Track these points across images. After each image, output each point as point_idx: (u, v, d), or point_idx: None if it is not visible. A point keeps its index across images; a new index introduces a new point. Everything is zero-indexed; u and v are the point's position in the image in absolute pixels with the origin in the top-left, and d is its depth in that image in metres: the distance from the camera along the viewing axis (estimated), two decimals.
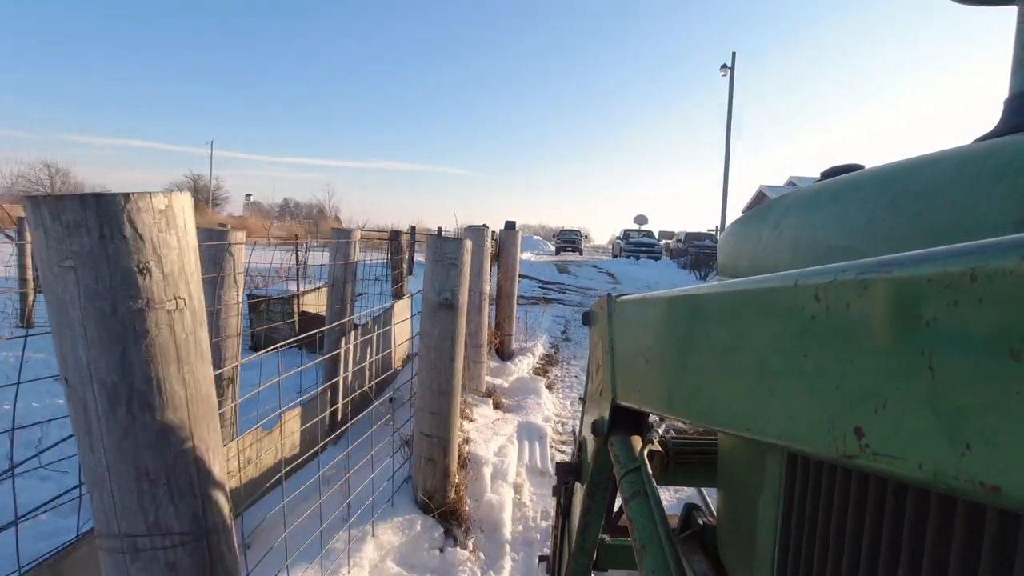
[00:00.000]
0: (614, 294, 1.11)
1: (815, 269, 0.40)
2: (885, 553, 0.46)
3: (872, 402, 0.34)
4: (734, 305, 0.52)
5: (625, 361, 0.96)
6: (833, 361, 0.37)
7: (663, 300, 0.75)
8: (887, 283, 0.33)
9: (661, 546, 0.76)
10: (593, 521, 1.23)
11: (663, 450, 1.23)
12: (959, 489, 0.28)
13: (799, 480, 0.61)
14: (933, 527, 0.41)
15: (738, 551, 0.82)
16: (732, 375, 0.52)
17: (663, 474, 1.23)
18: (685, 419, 0.67)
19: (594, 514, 1.21)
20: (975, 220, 0.45)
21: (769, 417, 0.45)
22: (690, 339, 0.63)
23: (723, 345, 0.54)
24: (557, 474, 1.41)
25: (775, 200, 0.82)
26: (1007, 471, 0.26)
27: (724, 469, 0.91)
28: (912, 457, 0.31)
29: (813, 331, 0.39)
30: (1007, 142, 0.48)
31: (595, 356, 1.21)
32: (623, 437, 1.00)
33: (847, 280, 0.36)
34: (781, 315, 0.43)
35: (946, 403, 0.29)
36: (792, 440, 0.42)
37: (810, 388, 0.40)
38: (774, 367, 0.44)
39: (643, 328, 0.87)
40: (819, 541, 0.56)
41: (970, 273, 0.27)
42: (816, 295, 0.39)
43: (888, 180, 0.58)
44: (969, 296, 0.28)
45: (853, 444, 0.35)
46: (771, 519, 0.68)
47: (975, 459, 0.27)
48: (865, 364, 0.35)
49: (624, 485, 0.89)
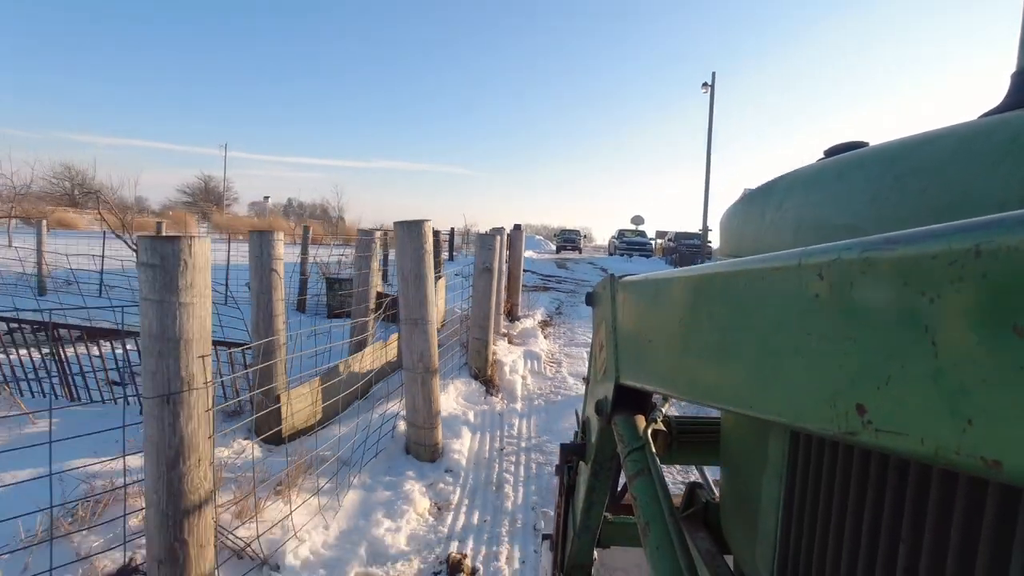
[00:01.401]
0: (616, 275, 1.10)
1: (818, 247, 0.40)
2: (887, 529, 0.47)
3: (875, 379, 0.34)
4: (737, 284, 0.51)
5: (628, 341, 0.96)
6: (836, 339, 0.37)
7: (666, 280, 0.75)
8: (891, 260, 0.33)
9: (665, 523, 0.76)
10: (597, 500, 1.25)
11: (667, 429, 1.23)
12: (960, 464, 0.28)
13: (802, 458, 0.62)
14: (934, 502, 0.41)
15: (741, 528, 0.82)
16: (735, 354, 0.52)
17: (667, 453, 1.23)
18: (688, 398, 0.66)
19: (598, 493, 1.24)
20: (980, 197, 0.45)
21: (772, 395, 0.45)
22: (693, 318, 0.63)
23: (726, 324, 0.54)
24: (560, 454, 1.43)
25: (778, 179, 0.81)
26: (1008, 446, 0.26)
27: (727, 447, 0.91)
28: (914, 433, 0.31)
29: (816, 309, 0.39)
30: (1012, 117, 0.47)
31: (598, 337, 1.21)
32: (626, 416, 1.00)
33: (851, 258, 0.36)
34: (784, 294, 0.43)
35: (948, 379, 0.29)
36: (795, 418, 0.42)
37: (813, 366, 0.40)
38: (777, 346, 0.44)
39: (646, 308, 0.86)
40: (821, 518, 0.57)
41: (974, 249, 0.27)
42: (820, 273, 0.39)
43: (892, 157, 0.57)
44: (973, 272, 0.28)
45: (855, 421, 0.35)
46: (774, 496, 0.69)
47: (976, 434, 0.27)
48: (868, 341, 0.35)
49: (628, 464, 0.90)
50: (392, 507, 2.92)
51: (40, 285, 9.49)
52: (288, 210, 59.85)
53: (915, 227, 0.33)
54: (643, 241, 30.55)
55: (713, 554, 0.93)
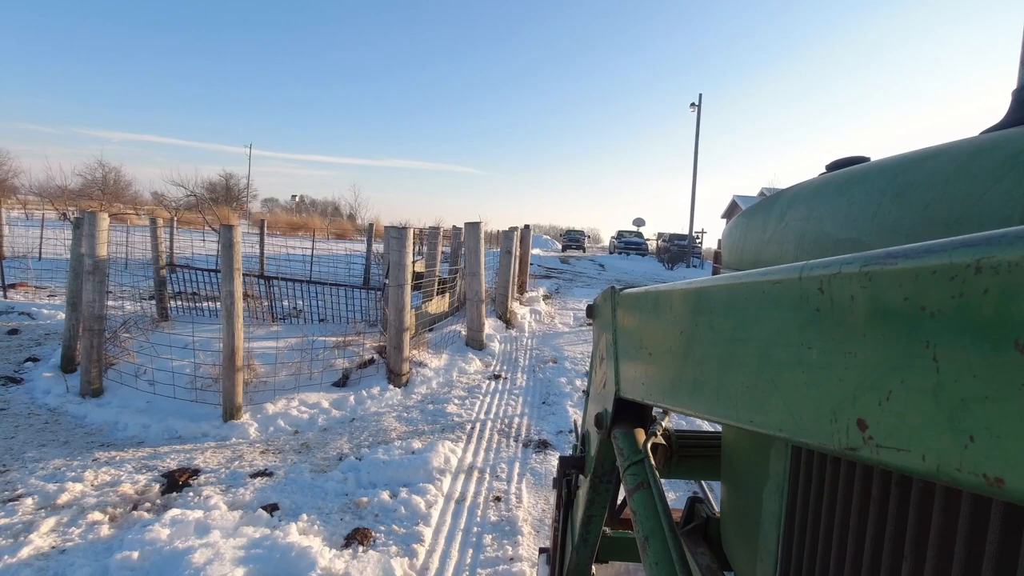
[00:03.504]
0: (617, 286, 1.09)
1: (819, 261, 0.40)
2: (889, 545, 0.46)
3: (875, 394, 0.34)
4: (738, 297, 0.51)
5: (628, 354, 0.95)
6: (837, 353, 0.37)
7: (667, 292, 0.74)
8: (891, 275, 0.33)
9: (664, 538, 0.76)
10: (596, 513, 1.24)
11: (667, 443, 1.22)
12: (962, 481, 0.28)
13: (803, 473, 0.61)
14: (937, 520, 0.41)
15: (742, 544, 0.81)
16: (735, 367, 0.51)
17: (667, 467, 1.22)
18: (688, 412, 0.66)
19: (597, 506, 1.23)
20: (982, 213, 0.44)
21: (772, 409, 0.45)
22: (694, 331, 0.62)
23: (727, 337, 0.53)
24: (558, 466, 1.41)
25: (780, 192, 0.80)
26: (1011, 463, 0.26)
27: (728, 462, 0.90)
28: (915, 449, 0.31)
29: (817, 323, 0.39)
30: (1014, 134, 0.47)
31: (598, 349, 1.19)
32: (626, 430, 0.99)
33: (851, 272, 0.36)
34: (785, 307, 0.43)
35: (950, 395, 0.29)
36: (795, 432, 0.42)
37: (813, 380, 0.40)
38: (777, 359, 0.44)
39: (647, 320, 0.85)
40: (823, 533, 0.56)
41: (975, 264, 0.27)
42: (820, 287, 0.39)
43: (894, 172, 0.57)
44: (974, 288, 0.28)
45: (856, 436, 0.35)
46: (775, 512, 0.68)
47: (978, 451, 0.27)
48: (868, 356, 0.35)
49: (627, 477, 0.89)
50: (465, 360, 6.12)
51: None
52: (300, 207, 60.30)
53: (918, 242, 0.33)
54: (639, 241, 33.69)
55: (713, 570, 0.90)
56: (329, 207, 59.10)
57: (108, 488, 3.09)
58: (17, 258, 11.61)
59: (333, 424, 4.29)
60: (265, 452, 3.74)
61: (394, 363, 5.09)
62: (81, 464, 3.37)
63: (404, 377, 5.12)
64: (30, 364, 5.31)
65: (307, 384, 4.79)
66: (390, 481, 3.32)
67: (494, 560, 2.66)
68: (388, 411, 4.60)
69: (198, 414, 4.18)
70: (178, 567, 2.32)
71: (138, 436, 3.92)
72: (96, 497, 2.99)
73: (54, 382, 4.73)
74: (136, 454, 3.59)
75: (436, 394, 5.11)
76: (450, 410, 4.69)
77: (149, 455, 3.59)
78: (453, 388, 5.34)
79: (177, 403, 4.32)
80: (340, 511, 2.98)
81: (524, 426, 4.47)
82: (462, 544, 2.79)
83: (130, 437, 3.90)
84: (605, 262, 26.79)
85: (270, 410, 4.30)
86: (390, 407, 4.68)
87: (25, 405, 4.36)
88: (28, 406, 4.35)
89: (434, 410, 4.68)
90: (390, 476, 3.37)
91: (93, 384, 4.49)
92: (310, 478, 3.33)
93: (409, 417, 4.50)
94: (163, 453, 3.63)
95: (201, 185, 33.74)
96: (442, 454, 3.62)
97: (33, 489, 3.01)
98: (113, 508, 2.90)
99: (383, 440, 3.96)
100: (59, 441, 3.75)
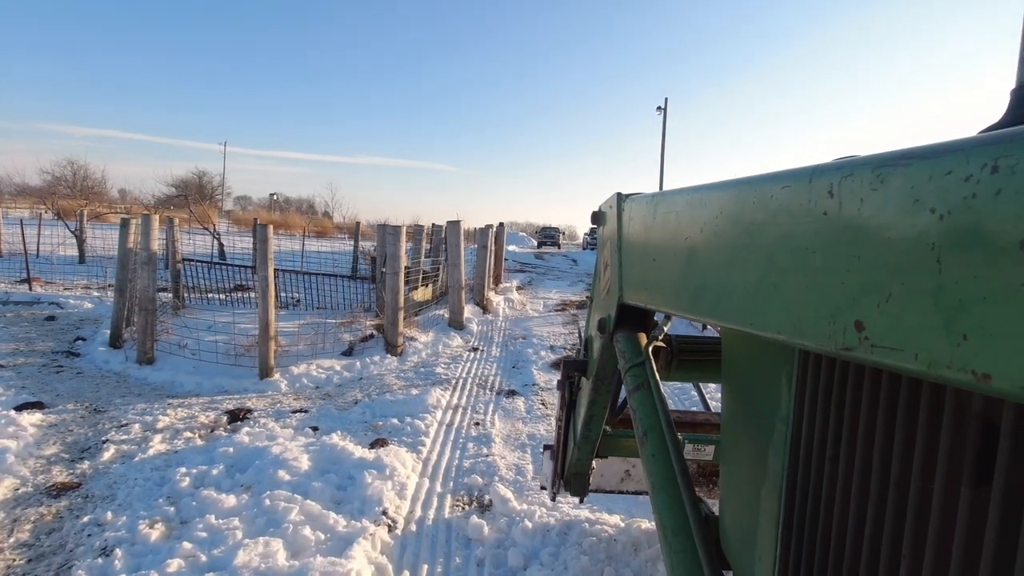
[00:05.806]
0: (624, 192, 1.08)
1: (831, 163, 0.40)
2: (887, 546, 0.47)
3: (875, 296, 0.34)
4: (746, 202, 0.51)
5: (633, 259, 0.96)
6: (840, 257, 0.38)
7: (674, 198, 0.74)
8: (904, 176, 0.33)
9: (662, 433, 0.78)
10: (597, 413, 1.30)
11: (668, 346, 1.23)
12: (951, 378, 0.29)
13: (801, 472, 0.61)
14: (935, 518, 0.42)
15: (741, 544, 0.82)
16: (739, 272, 0.52)
17: (667, 371, 1.24)
18: (690, 315, 0.66)
19: (599, 406, 1.28)
20: None
21: (773, 312, 0.46)
22: (700, 236, 0.62)
23: (732, 242, 0.54)
24: (562, 369, 1.48)
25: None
26: (1000, 360, 0.27)
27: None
28: (909, 349, 0.32)
29: (823, 228, 0.39)
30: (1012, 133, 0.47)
31: (603, 255, 1.19)
32: (628, 334, 1.02)
33: (864, 174, 0.36)
34: (793, 212, 0.43)
35: (949, 296, 0.29)
36: (793, 334, 0.43)
37: (815, 284, 0.40)
38: (781, 264, 0.45)
39: (652, 226, 0.85)
40: (821, 534, 0.57)
41: (992, 165, 0.27)
42: (830, 191, 0.39)
43: None
44: (988, 188, 0.28)
45: (852, 337, 0.36)
46: (774, 512, 0.69)
47: (970, 349, 0.28)
48: (872, 259, 0.35)
49: (628, 378, 0.92)
50: (448, 337, 7.29)
51: None
52: (274, 205, 58.54)
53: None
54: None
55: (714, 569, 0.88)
56: (304, 204, 57.81)
57: (189, 419, 4.19)
58: (15, 256, 12.36)
59: (345, 382, 5.42)
60: (297, 399, 4.87)
61: (391, 336, 6.23)
62: (160, 408, 4.44)
63: (399, 348, 6.27)
64: (80, 343, 6.28)
65: (321, 352, 5.91)
66: (397, 413, 4.48)
67: (475, 455, 3.85)
68: (388, 373, 5.75)
69: (238, 374, 5.26)
70: (262, 455, 3.45)
71: (194, 390, 5.00)
72: (183, 425, 4.08)
73: (109, 355, 5.74)
74: (198, 401, 4.68)
75: (426, 361, 6.27)
76: (439, 371, 5.86)
77: (208, 401, 4.68)
78: (439, 357, 6.51)
79: (219, 367, 5.39)
80: (363, 430, 4.14)
81: (497, 382, 5.67)
82: (452, 447, 3.97)
83: (188, 391, 4.98)
84: (578, 257, 28.17)
85: (295, 371, 5.40)
86: (389, 370, 5.83)
87: (95, 370, 5.38)
88: (97, 371, 5.37)
89: (425, 372, 5.85)
90: (397, 410, 4.53)
91: (148, 354, 5.52)
92: (337, 413, 4.47)
93: (406, 376, 5.66)
94: (219, 400, 4.72)
95: (168, 183, 33.63)
96: (435, 396, 4.80)
97: (135, 420, 4.10)
98: (199, 430, 4.00)
99: (388, 390, 5.11)
100: (134, 394, 4.81)
